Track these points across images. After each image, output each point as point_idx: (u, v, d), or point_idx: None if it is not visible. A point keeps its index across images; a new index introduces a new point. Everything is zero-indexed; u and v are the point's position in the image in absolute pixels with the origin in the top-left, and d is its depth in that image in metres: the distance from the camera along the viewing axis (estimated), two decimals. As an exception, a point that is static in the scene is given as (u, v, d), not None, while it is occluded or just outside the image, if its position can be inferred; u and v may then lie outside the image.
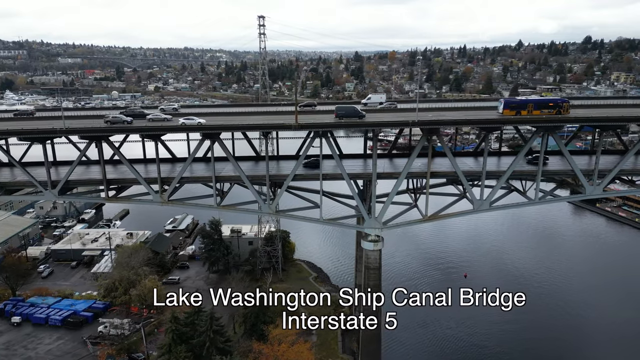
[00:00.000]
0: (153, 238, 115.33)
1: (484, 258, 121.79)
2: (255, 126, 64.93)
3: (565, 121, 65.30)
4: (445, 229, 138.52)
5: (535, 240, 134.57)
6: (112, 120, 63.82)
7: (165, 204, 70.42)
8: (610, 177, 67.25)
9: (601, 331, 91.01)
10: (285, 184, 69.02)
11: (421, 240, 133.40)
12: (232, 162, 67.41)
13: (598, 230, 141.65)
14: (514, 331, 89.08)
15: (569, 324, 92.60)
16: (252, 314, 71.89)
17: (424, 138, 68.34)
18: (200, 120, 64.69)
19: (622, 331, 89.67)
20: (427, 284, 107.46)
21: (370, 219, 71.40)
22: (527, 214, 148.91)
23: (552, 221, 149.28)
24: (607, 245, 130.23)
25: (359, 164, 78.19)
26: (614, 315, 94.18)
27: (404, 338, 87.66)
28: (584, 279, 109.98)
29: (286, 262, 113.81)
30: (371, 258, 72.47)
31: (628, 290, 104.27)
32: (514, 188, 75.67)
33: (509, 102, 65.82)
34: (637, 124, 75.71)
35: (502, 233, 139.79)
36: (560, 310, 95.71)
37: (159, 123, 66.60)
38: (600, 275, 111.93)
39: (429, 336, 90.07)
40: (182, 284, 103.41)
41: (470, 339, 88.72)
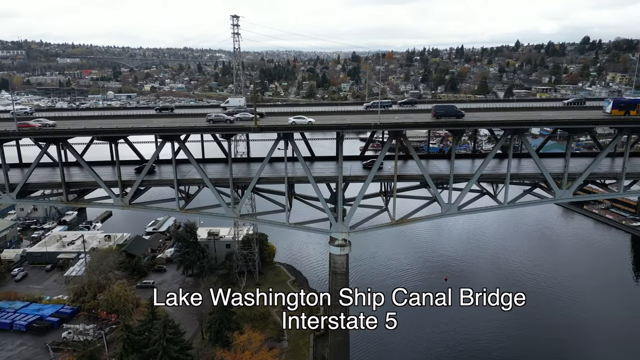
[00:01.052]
0: (130, 241, 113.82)
1: (473, 259, 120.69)
2: (215, 128, 63.34)
3: (527, 124, 63.52)
4: (444, 229, 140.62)
5: (526, 242, 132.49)
6: (215, 119, 63.66)
7: (126, 207, 68.99)
8: (580, 181, 65.67)
9: (600, 331, 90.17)
10: (249, 187, 67.50)
11: (421, 240, 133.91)
12: (193, 164, 65.83)
13: (585, 232, 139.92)
14: (512, 330, 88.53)
15: (565, 323, 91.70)
16: (217, 321, 70.14)
17: (389, 140, 67.01)
18: (310, 119, 64.27)
19: (620, 330, 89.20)
20: (408, 282, 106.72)
21: (337, 222, 69.88)
22: (519, 215, 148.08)
23: (541, 223, 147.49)
24: (595, 247, 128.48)
25: (331, 167, 76.94)
26: (610, 315, 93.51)
27: (400, 340, 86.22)
28: (575, 281, 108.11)
29: (265, 265, 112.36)
30: (338, 263, 70.94)
31: (617, 291, 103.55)
32: (486, 191, 74.21)
33: (618, 102, 63.38)
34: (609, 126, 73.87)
35: (491, 234, 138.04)
36: (551, 311, 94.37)
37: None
38: (589, 276, 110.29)
39: (427, 337, 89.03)
40: (157, 287, 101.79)
41: (465, 339, 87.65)
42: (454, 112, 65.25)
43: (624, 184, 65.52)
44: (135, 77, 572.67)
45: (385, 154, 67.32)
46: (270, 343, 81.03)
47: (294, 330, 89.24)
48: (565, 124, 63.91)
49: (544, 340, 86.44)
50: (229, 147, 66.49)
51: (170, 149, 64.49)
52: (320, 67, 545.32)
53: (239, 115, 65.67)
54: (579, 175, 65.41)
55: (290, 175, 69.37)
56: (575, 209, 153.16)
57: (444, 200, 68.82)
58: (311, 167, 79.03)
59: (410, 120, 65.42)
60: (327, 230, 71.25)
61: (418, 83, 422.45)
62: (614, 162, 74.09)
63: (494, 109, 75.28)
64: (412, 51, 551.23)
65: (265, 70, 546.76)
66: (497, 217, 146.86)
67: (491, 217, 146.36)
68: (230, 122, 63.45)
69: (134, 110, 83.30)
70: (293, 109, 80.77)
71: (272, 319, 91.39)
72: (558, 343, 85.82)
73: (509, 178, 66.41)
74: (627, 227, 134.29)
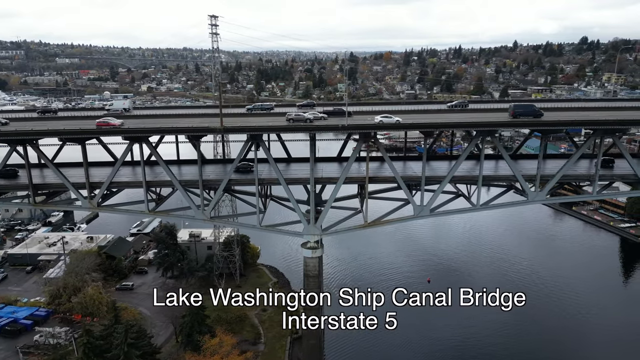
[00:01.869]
0: (112, 242, 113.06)
1: (461, 259, 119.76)
2: (181, 129, 62.45)
3: (498, 125, 62.65)
4: (442, 228, 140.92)
5: (516, 243, 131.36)
6: (295, 118, 64.15)
7: (94, 209, 68.53)
8: (552, 183, 64.87)
9: (597, 332, 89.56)
10: (219, 189, 66.73)
11: (409, 240, 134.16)
12: (162, 166, 65.08)
13: (574, 234, 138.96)
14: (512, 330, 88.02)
15: (558, 325, 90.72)
16: (188, 324, 69.35)
17: (360, 142, 66.20)
18: (397, 118, 64.33)
19: (617, 330, 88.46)
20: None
21: (310, 225, 69.11)
22: (511, 217, 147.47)
23: (530, 224, 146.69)
24: (582, 248, 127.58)
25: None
26: (598, 317, 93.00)
27: (377, 341, 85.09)
28: (564, 281, 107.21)
29: (247, 267, 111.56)
30: (310, 266, 70.23)
31: (604, 292, 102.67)
32: (461, 193, 73.41)
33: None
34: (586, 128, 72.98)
35: (480, 235, 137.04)
36: (542, 311, 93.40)
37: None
38: (577, 278, 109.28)
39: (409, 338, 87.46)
40: (136, 290, 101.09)
41: (462, 340, 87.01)
42: (533, 112, 63.61)
43: (597, 186, 64.69)
44: (132, 77, 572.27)
45: (357, 155, 66.73)
46: (246, 346, 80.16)
47: (271, 333, 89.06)
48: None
49: (542, 342, 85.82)
50: (197, 149, 65.65)
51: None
52: (317, 68, 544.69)
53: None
54: (552, 177, 64.67)
55: (261, 177, 68.80)
56: (565, 210, 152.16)
57: (416, 202, 68.13)
58: (288, 168, 78.60)
59: (383, 122, 64.47)
60: (299, 232, 70.47)
61: (414, 83, 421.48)
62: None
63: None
64: (409, 51, 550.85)
65: (262, 70, 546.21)
66: (488, 219, 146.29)
67: (482, 219, 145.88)
68: (310, 121, 64.06)
69: (97, 111, 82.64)
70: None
71: (250, 322, 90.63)
72: (555, 345, 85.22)
73: (481, 180, 65.79)
74: (615, 229, 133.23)
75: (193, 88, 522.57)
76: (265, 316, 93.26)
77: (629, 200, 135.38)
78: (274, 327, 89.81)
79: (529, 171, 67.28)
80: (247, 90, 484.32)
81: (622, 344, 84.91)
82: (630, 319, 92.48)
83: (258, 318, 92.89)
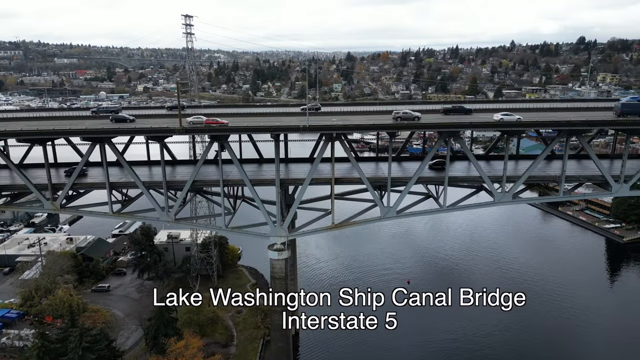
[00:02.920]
0: (90, 244, 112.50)
1: (451, 259, 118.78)
2: (139, 130, 61.73)
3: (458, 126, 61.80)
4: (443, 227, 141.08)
5: (504, 244, 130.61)
6: (403, 116, 63.66)
7: (57, 211, 67.82)
8: (519, 184, 64.19)
9: (596, 333, 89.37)
10: (183, 191, 66.12)
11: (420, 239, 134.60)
12: (125, 167, 64.51)
13: (560, 235, 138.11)
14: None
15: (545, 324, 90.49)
16: (154, 327, 68.70)
17: (325, 143, 65.45)
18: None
19: (614, 330, 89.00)
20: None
21: (276, 226, 68.43)
22: (500, 217, 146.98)
23: (515, 224, 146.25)
24: (566, 249, 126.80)
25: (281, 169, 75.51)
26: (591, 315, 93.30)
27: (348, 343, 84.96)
28: (543, 281, 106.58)
29: (227, 268, 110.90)
30: (276, 267, 69.60)
31: (586, 293, 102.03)
32: (431, 194, 72.76)
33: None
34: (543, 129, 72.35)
35: (469, 236, 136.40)
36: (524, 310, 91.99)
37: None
38: (558, 277, 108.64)
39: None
40: (113, 291, 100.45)
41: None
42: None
43: (563, 187, 63.92)
44: (129, 77, 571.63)
45: (323, 155, 65.96)
46: (216, 348, 79.67)
47: (244, 335, 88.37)
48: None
49: (542, 342, 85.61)
50: (161, 150, 64.93)
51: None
52: (314, 68, 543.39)
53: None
54: (519, 178, 63.97)
55: (227, 178, 68.21)
56: (551, 211, 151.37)
57: (384, 204, 67.46)
58: (260, 169, 78.00)
59: (342, 123, 63.77)
60: (265, 234, 69.79)
61: (410, 83, 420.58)
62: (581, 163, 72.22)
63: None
64: (407, 51, 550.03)
65: (258, 70, 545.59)
66: (475, 219, 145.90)
67: (469, 219, 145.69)
68: (418, 119, 63.31)
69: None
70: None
71: (224, 324, 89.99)
72: (555, 345, 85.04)
73: (447, 181, 65.11)
74: (600, 230, 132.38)
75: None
76: (239, 318, 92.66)
77: (615, 201, 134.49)
78: (247, 329, 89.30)
79: (499, 172, 66.56)
80: (243, 90, 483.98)
81: (611, 344, 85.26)
82: (615, 321, 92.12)
83: (233, 320, 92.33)
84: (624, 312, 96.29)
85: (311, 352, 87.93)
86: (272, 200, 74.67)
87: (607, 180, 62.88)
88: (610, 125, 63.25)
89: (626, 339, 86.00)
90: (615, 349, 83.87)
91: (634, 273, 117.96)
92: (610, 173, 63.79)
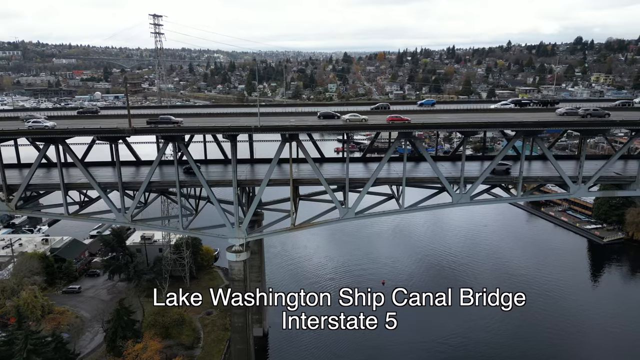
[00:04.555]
0: (64, 244, 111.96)
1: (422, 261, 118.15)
2: (91, 130, 61.12)
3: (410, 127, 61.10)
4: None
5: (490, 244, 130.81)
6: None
7: (12, 212, 67.30)
8: (477, 185, 63.51)
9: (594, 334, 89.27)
10: (139, 192, 65.61)
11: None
12: (79, 167, 63.93)
13: (545, 236, 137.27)
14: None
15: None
16: (111, 329, 68.10)
17: (282, 144, 64.82)
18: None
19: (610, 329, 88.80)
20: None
21: (234, 228, 67.80)
22: (486, 218, 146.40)
23: (504, 225, 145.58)
24: (546, 248, 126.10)
25: (246, 169, 75.17)
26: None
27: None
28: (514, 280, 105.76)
29: (202, 269, 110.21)
30: (235, 269, 69.02)
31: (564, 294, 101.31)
32: (394, 195, 72.11)
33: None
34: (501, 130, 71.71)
35: (436, 235, 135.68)
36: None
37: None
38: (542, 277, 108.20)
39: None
40: (84, 293, 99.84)
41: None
42: None
43: (520, 189, 63.19)
44: (125, 77, 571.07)
45: (288, 156, 65.42)
46: (179, 350, 78.90)
47: (211, 337, 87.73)
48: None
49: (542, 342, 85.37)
50: (115, 150, 64.40)
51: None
52: (311, 68, 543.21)
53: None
54: (475, 180, 63.33)
55: (184, 179, 67.65)
56: (535, 211, 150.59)
57: (341, 205, 66.88)
58: (226, 169, 77.46)
59: (294, 124, 63.15)
60: (223, 236, 69.17)
61: (404, 84, 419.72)
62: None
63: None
64: (403, 52, 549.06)
65: (254, 70, 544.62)
66: (459, 218, 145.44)
67: (452, 220, 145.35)
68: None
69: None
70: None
71: (193, 325, 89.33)
72: (555, 344, 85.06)
73: (405, 181, 64.52)
74: (581, 230, 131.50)
75: (185, 88, 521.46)
76: (208, 320, 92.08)
77: (596, 202, 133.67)
78: (215, 330, 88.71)
79: (467, 173, 65.78)
80: (239, 90, 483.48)
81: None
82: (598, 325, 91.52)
83: (202, 322, 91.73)
84: (606, 315, 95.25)
85: (279, 353, 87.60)
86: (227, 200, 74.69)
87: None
88: (564, 127, 62.60)
89: (615, 340, 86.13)
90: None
91: (614, 275, 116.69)
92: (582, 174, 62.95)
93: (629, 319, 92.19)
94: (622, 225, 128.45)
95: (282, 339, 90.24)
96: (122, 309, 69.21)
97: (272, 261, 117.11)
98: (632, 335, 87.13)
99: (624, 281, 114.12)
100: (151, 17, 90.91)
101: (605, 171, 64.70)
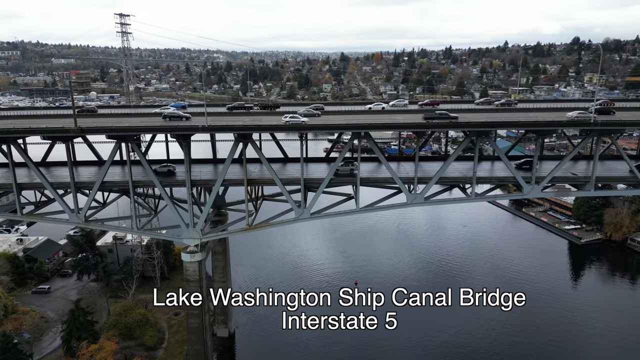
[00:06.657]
0: (37, 244, 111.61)
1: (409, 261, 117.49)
2: (34, 130, 60.29)
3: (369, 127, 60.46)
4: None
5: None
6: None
7: (-36, 212, 66.75)
8: (431, 185, 62.96)
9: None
10: (92, 192, 65.13)
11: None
12: (31, 167, 63.47)
13: (526, 236, 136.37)
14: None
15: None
16: (66, 330, 67.65)
17: (236, 143, 64.21)
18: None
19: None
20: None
21: (189, 229, 67.26)
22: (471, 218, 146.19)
23: (490, 225, 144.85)
24: (530, 249, 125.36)
25: (209, 169, 74.60)
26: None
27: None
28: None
29: (174, 270, 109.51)
30: (190, 270, 68.46)
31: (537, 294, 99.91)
32: (353, 195, 71.27)
33: None
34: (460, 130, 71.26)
35: (428, 234, 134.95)
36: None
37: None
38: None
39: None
40: (53, 293, 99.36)
41: None
42: None
43: (475, 189, 62.64)
44: (121, 77, 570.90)
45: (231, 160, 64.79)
46: (139, 352, 78.48)
47: (175, 337, 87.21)
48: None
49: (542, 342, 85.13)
50: (67, 150, 63.87)
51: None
52: (307, 68, 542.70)
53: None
54: (429, 180, 62.73)
55: (138, 178, 67.05)
56: (516, 212, 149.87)
57: (297, 206, 66.33)
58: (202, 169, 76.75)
59: (243, 124, 62.51)
60: (178, 237, 68.67)
61: (399, 84, 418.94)
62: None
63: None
64: (400, 52, 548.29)
65: (249, 70, 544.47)
66: (444, 218, 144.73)
67: (436, 219, 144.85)
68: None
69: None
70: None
71: (158, 326, 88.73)
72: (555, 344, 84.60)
73: (359, 181, 64.00)
74: (560, 231, 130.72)
75: (181, 88, 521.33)
76: (175, 320, 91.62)
77: (576, 202, 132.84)
78: (180, 331, 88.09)
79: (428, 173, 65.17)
80: (234, 90, 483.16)
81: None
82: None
83: (168, 322, 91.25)
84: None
85: (245, 354, 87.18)
86: (203, 202, 74.23)
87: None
88: (516, 127, 62.03)
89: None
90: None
91: (590, 277, 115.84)
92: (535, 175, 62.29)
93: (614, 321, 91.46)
94: (600, 226, 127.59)
95: (249, 340, 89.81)
96: (78, 309, 68.77)
97: (272, 261, 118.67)
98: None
99: (601, 283, 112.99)
100: (117, 16, 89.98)
101: (564, 172, 64.36)
